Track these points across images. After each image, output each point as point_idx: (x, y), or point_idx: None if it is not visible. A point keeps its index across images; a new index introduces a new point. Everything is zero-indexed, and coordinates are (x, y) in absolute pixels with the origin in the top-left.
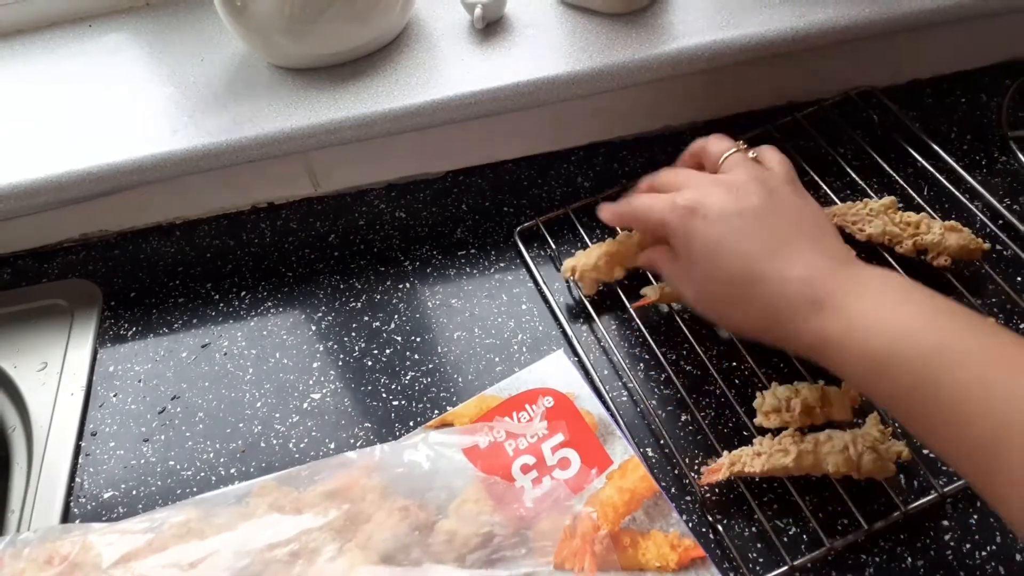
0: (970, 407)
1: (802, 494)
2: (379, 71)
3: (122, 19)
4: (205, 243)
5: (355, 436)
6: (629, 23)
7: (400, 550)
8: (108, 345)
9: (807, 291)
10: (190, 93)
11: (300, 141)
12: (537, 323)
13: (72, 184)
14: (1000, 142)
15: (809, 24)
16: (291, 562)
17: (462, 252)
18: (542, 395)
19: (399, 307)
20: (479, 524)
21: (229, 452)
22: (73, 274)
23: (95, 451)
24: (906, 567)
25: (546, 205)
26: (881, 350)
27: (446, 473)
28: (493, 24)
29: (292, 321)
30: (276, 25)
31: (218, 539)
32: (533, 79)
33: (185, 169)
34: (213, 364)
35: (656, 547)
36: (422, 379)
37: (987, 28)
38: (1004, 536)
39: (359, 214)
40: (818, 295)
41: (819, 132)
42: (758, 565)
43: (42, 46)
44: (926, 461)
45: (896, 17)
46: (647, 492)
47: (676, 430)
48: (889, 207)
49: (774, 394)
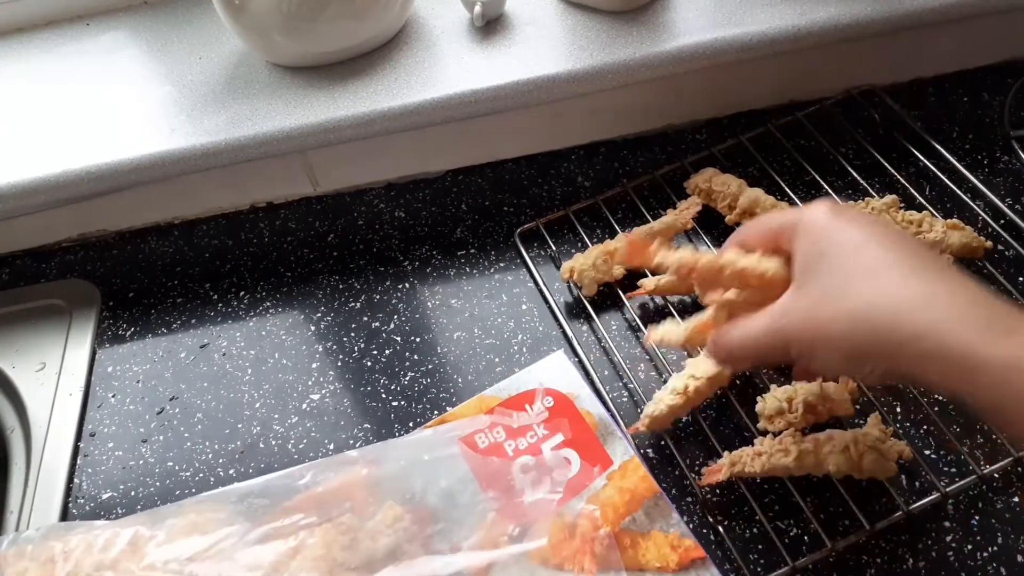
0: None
1: (803, 494)
2: (378, 70)
3: (120, 17)
4: (204, 243)
5: (354, 437)
6: (630, 21)
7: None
8: (107, 345)
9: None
10: (188, 92)
11: (299, 140)
12: (537, 323)
13: (70, 184)
14: (1002, 141)
15: (811, 22)
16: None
17: (462, 252)
18: (542, 395)
19: (399, 307)
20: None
21: (228, 453)
22: (71, 274)
23: (94, 452)
24: (908, 568)
25: (546, 204)
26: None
27: (444, 466)
28: (493, 22)
29: (291, 321)
30: (275, 23)
31: (220, 534)
32: (533, 77)
33: (183, 168)
34: (212, 364)
35: (656, 548)
36: (422, 379)
37: (990, 27)
38: (1006, 537)
39: (358, 214)
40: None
41: (821, 131)
42: (759, 566)
43: (40, 45)
44: (928, 461)
45: (898, 15)
46: (647, 492)
47: (676, 430)
48: (891, 206)
49: (774, 396)
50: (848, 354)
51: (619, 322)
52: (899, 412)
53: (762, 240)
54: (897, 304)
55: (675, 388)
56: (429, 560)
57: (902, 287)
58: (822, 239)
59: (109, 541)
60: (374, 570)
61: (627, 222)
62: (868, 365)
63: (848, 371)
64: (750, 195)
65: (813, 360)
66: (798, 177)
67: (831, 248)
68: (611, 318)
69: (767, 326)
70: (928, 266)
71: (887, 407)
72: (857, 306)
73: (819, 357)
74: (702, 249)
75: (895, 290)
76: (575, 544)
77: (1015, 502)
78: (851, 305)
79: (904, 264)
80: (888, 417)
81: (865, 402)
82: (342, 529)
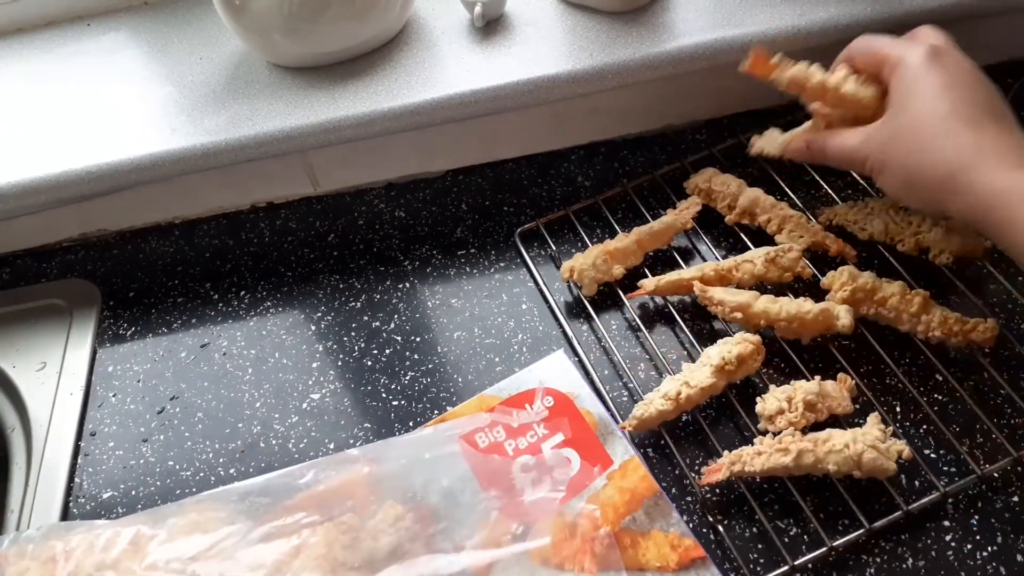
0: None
1: (803, 494)
2: (378, 70)
3: (121, 18)
4: (204, 243)
5: (354, 436)
6: (630, 21)
7: (401, 544)
8: (107, 345)
9: None
10: (189, 92)
11: (299, 140)
12: (537, 323)
13: (71, 183)
14: None
15: (811, 23)
16: (293, 554)
17: (462, 252)
18: (542, 395)
19: (399, 307)
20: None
21: (228, 452)
22: (72, 274)
23: (94, 451)
24: (907, 567)
25: (546, 204)
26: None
27: (444, 465)
28: (493, 22)
29: (291, 321)
30: (275, 24)
31: (222, 533)
32: (533, 78)
33: (184, 168)
34: (212, 364)
35: (656, 547)
36: (422, 379)
37: (990, 27)
38: (1005, 536)
39: (358, 214)
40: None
41: None
42: (759, 565)
43: (40, 45)
44: (927, 460)
45: (897, 16)
46: (647, 492)
47: (676, 430)
48: (891, 206)
49: (774, 396)
50: (905, 181)
51: (619, 322)
52: (899, 412)
53: (867, 64)
54: (950, 151)
55: (667, 393)
56: (432, 559)
57: (960, 137)
58: (914, 82)
59: (110, 541)
60: (376, 569)
61: (627, 222)
62: (917, 195)
63: (901, 195)
64: (750, 195)
65: (880, 177)
66: (798, 177)
67: (918, 91)
68: (611, 318)
69: (855, 143)
70: (988, 118)
71: (887, 407)
72: (921, 147)
73: (885, 177)
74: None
75: (954, 140)
76: (575, 544)
77: (1015, 502)
78: (918, 145)
79: (971, 116)
80: (888, 417)
81: (865, 402)
82: (343, 528)
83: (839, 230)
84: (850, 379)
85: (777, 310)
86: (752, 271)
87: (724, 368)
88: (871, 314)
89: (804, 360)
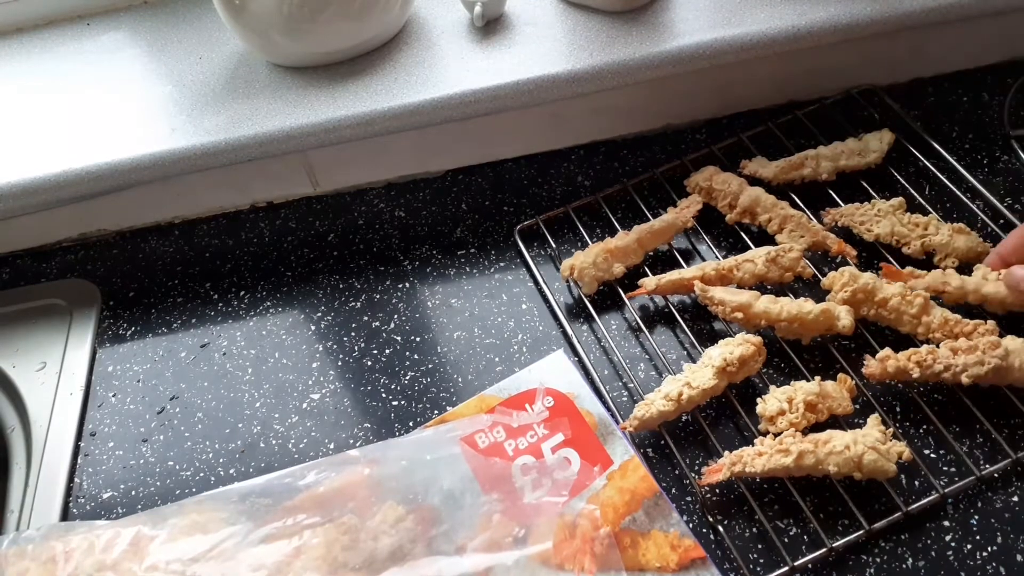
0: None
1: (803, 495)
2: (378, 69)
3: (120, 17)
4: (204, 242)
5: (354, 436)
6: (630, 21)
7: (402, 545)
8: (107, 345)
9: None
10: (188, 92)
11: (299, 140)
12: (537, 323)
13: (70, 183)
14: (1002, 141)
15: (811, 22)
16: (294, 555)
17: (462, 251)
18: (542, 395)
19: (399, 307)
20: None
21: (228, 452)
22: (72, 274)
23: (94, 451)
24: (907, 567)
25: (546, 204)
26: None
27: (445, 466)
28: (493, 22)
29: (291, 321)
30: (275, 23)
31: (223, 534)
32: (533, 77)
33: (184, 168)
34: (212, 364)
35: (656, 547)
36: (422, 379)
37: (989, 27)
38: (1005, 536)
39: (358, 213)
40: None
41: (820, 130)
42: (759, 566)
43: (40, 45)
44: (927, 461)
45: (898, 16)
46: (647, 492)
47: (676, 430)
48: (898, 208)
49: (775, 397)
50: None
51: (619, 322)
52: (899, 413)
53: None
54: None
55: (668, 394)
56: (434, 561)
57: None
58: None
59: (110, 541)
60: (377, 571)
61: (627, 220)
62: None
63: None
64: (750, 194)
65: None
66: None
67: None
68: (611, 318)
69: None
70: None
71: (887, 408)
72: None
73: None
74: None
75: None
76: (575, 544)
77: (1014, 502)
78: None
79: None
80: (888, 418)
81: (865, 403)
82: (344, 529)
83: (845, 231)
84: (850, 379)
85: (778, 310)
86: (753, 271)
87: (726, 369)
88: (871, 315)
89: (804, 360)
